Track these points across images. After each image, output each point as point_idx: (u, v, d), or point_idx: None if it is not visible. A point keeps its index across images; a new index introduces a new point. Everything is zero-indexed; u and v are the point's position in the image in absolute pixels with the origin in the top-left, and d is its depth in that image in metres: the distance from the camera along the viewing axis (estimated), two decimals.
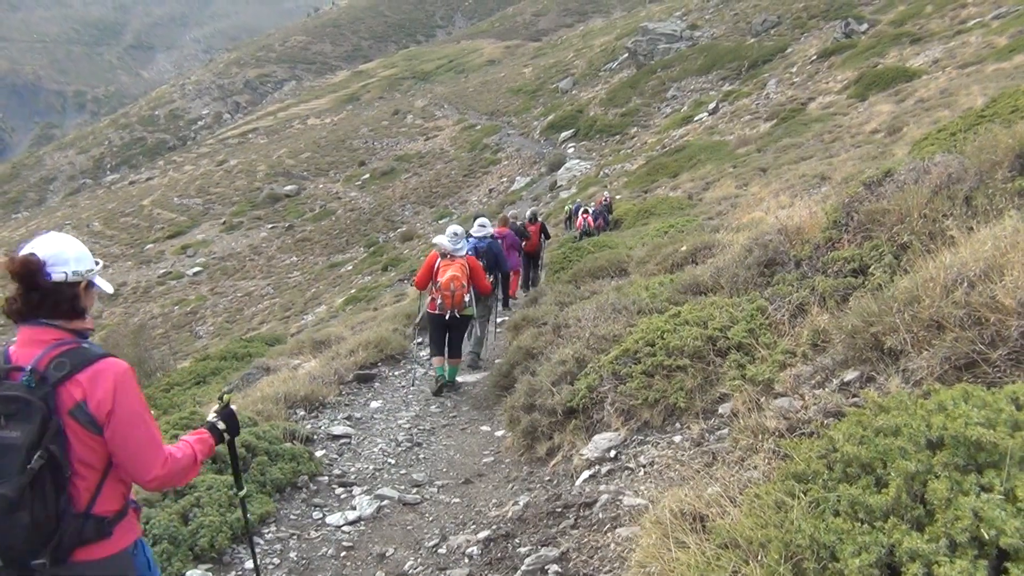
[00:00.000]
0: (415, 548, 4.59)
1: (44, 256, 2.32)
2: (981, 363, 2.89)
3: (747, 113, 37.00)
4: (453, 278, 7.94)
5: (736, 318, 4.77)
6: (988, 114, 9.02)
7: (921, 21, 36.85)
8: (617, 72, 66.75)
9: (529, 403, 5.68)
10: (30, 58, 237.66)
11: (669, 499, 3.02)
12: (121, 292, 51.41)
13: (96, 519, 2.32)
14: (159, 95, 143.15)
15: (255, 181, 70.81)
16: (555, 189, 42.40)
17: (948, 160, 4.69)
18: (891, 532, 1.94)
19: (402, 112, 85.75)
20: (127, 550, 2.45)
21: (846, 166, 15.89)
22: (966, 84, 20.94)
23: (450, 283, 7.93)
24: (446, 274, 7.97)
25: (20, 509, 2.13)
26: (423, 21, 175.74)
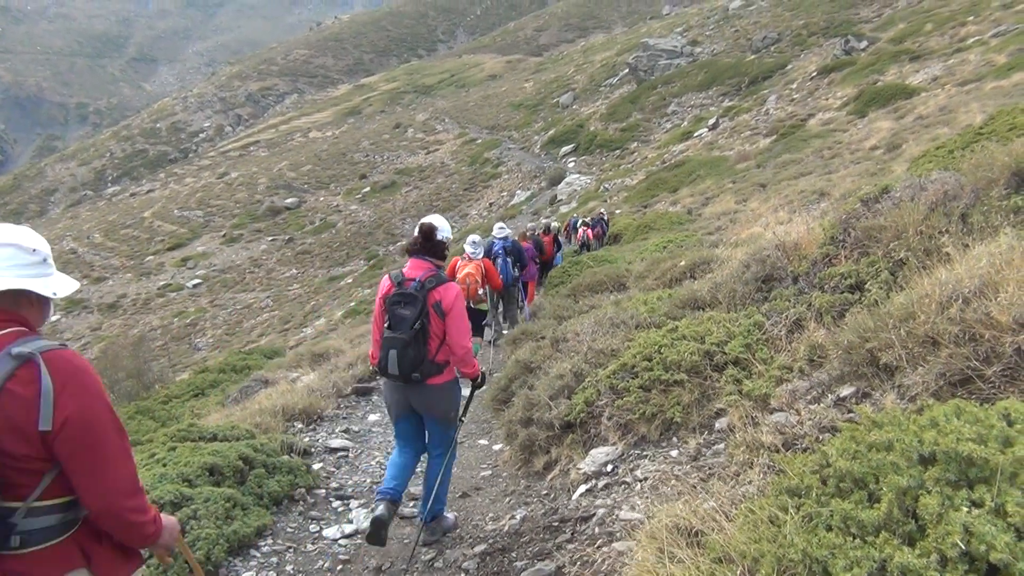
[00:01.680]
0: (411, 562, 4.58)
1: (437, 225, 4.62)
2: (976, 379, 2.90)
3: (747, 129, 37.14)
4: (469, 274, 9.53)
5: (733, 333, 4.78)
6: (986, 132, 9.06)
7: (921, 39, 37.03)
8: (618, 87, 67.04)
9: (527, 417, 5.68)
10: (33, 70, 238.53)
11: (665, 514, 3.02)
12: (121, 304, 51.50)
13: (438, 364, 4.43)
14: (161, 107, 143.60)
15: (256, 194, 70.97)
16: (555, 203, 42.49)
17: (945, 177, 4.71)
18: (883, 547, 1.94)
19: (403, 126, 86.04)
20: (453, 380, 4.64)
21: (845, 182, 15.95)
22: (965, 101, 21.03)
23: (466, 278, 9.49)
24: (464, 271, 9.58)
25: (409, 347, 4.29)
26: (425, 35, 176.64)
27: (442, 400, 4.59)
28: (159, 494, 4.58)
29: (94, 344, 42.92)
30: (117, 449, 2.16)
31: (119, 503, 2.16)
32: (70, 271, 58.30)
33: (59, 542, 2.11)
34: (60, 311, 51.24)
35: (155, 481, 4.81)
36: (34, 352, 2.05)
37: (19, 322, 2.17)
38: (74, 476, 2.10)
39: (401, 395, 4.57)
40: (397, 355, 4.29)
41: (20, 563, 2.04)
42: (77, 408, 2.06)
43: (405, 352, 4.27)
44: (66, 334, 47.60)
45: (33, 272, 2.22)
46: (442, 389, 4.51)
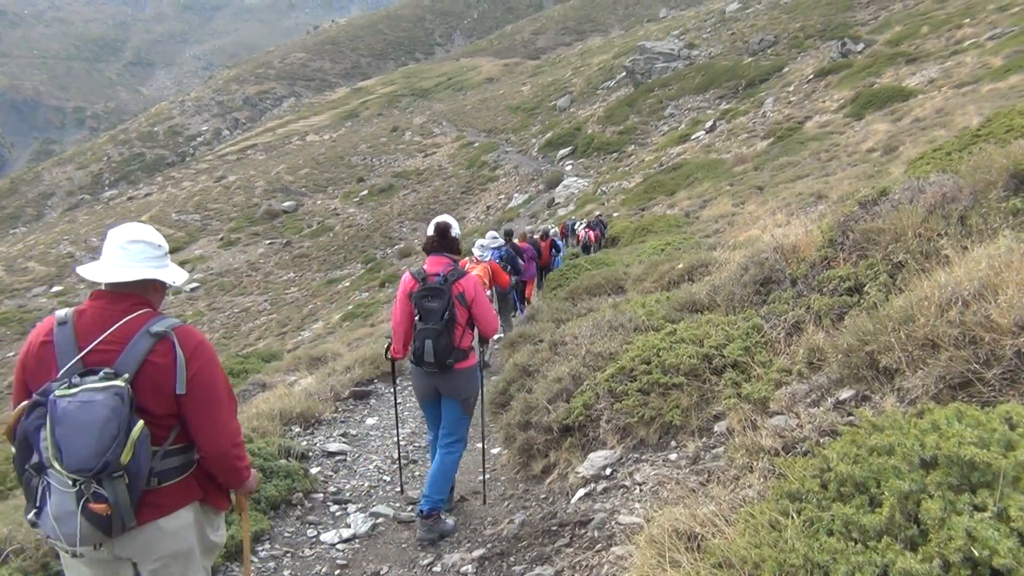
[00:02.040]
0: (410, 566, 4.57)
1: (449, 223, 5.12)
2: (976, 382, 2.89)
3: (744, 131, 37.18)
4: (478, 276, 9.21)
5: (732, 336, 4.77)
6: (983, 134, 9.06)
7: (917, 41, 37.10)
8: (615, 90, 67.11)
9: (525, 421, 5.67)
10: (30, 74, 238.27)
11: (664, 518, 3.01)
12: None
13: (463, 350, 4.90)
14: (158, 111, 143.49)
15: (253, 197, 70.94)
16: (553, 206, 42.50)
17: (943, 180, 4.70)
18: (885, 552, 1.93)
19: (400, 129, 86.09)
20: (476, 365, 5.14)
21: (842, 185, 15.96)
22: (962, 104, 21.05)
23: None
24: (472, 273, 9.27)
25: (442, 336, 4.75)
26: (422, 39, 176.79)
27: (467, 383, 5.07)
28: None
29: None
30: (228, 407, 2.76)
31: (227, 450, 2.74)
32: (67, 275, 58.35)
33: (182, 480, 2.69)
34: None
35: None
36: (168, 329, 2.60)
37: (147, 305, 2.71)
38: (194, 427, 2.66)
39: (429, 381, 5.01)
40: (432, 344, 4.75)
41: (157, 496, 2.60)
42: (201, 373, 2.63)
43: (439, 341, 4.74)
44: None
45: (158, 264, 2.75)
46: (466, 373, 5.03)
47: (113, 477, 2.40)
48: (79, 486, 2.37)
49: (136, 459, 2.44)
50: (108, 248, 2.72)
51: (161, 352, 2.56)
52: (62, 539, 2.43)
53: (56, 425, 2.37)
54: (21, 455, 2.49)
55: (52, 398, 2.41)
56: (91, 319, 2.60)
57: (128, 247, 2.70)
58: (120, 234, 2.74)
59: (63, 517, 2.39)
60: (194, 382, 2.59)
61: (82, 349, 2.54)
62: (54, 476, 2.39)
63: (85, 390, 2.41)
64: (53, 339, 2.58)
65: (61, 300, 53.44)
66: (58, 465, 2.37)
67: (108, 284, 2.68)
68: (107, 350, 2.55)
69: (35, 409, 2.44)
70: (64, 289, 55.81)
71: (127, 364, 2.52)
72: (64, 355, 2.54)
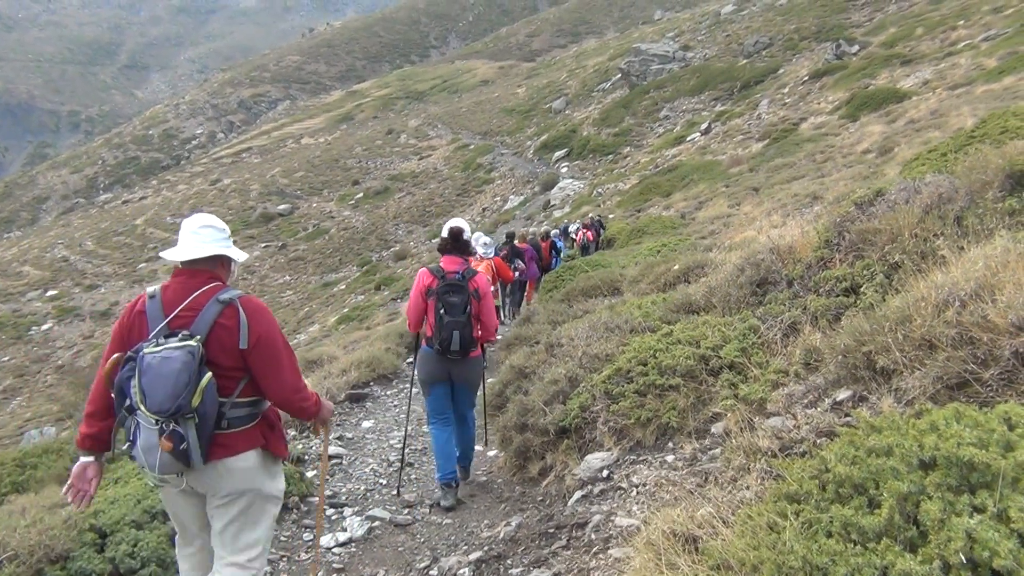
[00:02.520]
0: (406, 570, 4.55)
1: (462, 227, 5.70)
2: (973, 383, 2.88)
3: (739, 133, 37.18)
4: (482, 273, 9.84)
5: (728, 337, 4.76)
6: (978, 135, 9.06)
7: (912, 43, 37.16)
8: (610, 92, 67.12)
9: (521, 423, 5.65)
10: (24, 78, 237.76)
11: (661, 520, 3.00)
12: (113, 311, 51.19)
13: (475, 339, 5.55)
14: (153, 115, 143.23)
15: (248, 200, 70.85)
16: (548, 208, 42.49)
17: (939, 180, 4.70)
18: (884, 553, 1.92)
19: (396, 132, 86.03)
20: (483, 355, 6.03)
21: (838, 186, 15.96)
22: (956, 105, 21.08)
23: None
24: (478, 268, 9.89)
25: (466, 328, 5.41)
26: (417, 41, 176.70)
27: (478, 369, 5.93)
28: (151, 503, 4.54)
29: (87, 352, 42.76)
30: (286, 360, 3.27)
31: (290, 396, 3.28)
32: (62, 279, 58.21)
33: (248, 427, 3.20)
34: (52, 319, 51.02)
35: (147, 490, 4.76)
36: (233, 298, 3.15)
37: (217, 279, 3.27)
38: (259, 378, 3.19)
39: (444, 367, 5.62)
40: (460, 335, 5.39)
41: (228, 439, 3.11)
42: (261, 332, 3.16)
43: (464, 332, 5.41)
44: (58, 342, 47.41)
45: (224, 244, 3.32)
46: (478, 360, 5.86)
47: (186, 418, 2.94)
48: (160, 424, 2.93)
49: (204, 403, 2.97)
50: (184, 234, 3.29)
51: (228, 316, 3.12)
52: (148, 468, 3.01)
53: (142, 376, 2.94)
54: (119, 400, 3.05)
55: (141, 354, 2.98)
56: (174, 292, 3.20)
57: (200, 231, 3.27)
58: (192, 222, 3.32)
59: (148, 449, 2.96)
60: (255, 340, 3.14)
61: (167, 316, 3.13)
62: (141, 416, 2.96)
63: (166, 348, 2.98)
64: (145, 309, 3.18)
65: (56, 304, 53.32)
66: (143, 407, 2.94)
67: (185, 262, 3.27)
68: (186, 316, 3.12)
69: (127, 363, 3.02)
70: (59, 293, 55.64)
71: (200, 327, 3.09)
72: (154, 321, 3.13)
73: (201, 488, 3.18)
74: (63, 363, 42.86)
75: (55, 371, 41.86)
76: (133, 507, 4.49)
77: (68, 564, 4.00)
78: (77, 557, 4.03)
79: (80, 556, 4.04)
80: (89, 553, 4.07)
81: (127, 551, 4.09)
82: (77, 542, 4.13)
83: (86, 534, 4.21)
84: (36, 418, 31.90)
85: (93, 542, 4.18)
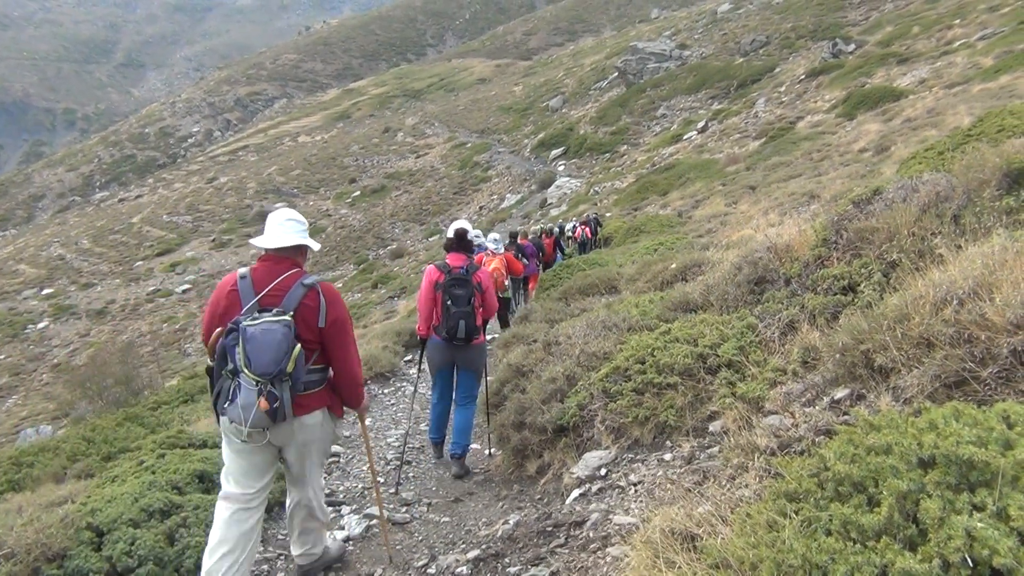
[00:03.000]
0: (404, 568, 4.54)
1: (466, 227, 6.29)
2: (971, 381, 2.88)
3: (736, 132, 37.22)
4: (496, 269, 10.85)
5: (726, 336, 4.76)
6: (975, 133, 9.08)
7: (908, 42, 37.21)
8: (607, 91, 67.15)
9: (519, 421, 5.65)
10: (19, 76, 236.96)
11: (659, 518, 2.99)
12: (109, 310, 51.18)
13: (479, 327, 6.10)
14: (149, 113, 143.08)
15: (245, 198, 70.74)
16: (545, 207, 42.48)
17: (936, 179, 4.71)
18: (884, 552, 1.92)
19: (392, 130, 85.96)
20: (487, 341, 6.66)
21: (835, 184, 15.99)
22: (953, 104, 21.11)
23: (494, 272, 10.70)
24: (491, 265, 10.74)
25: (470, 318, 5.96)
26: (414, 40, 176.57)
27: (481, 356, 6.42)
28: (148, 501, 4.53)
29: (83, 350, 42.68)
30: (353, 340, 4.00)
31: (353, 370, 4.00)
32: (57, 277, 58.09)
33: (318, 391, 3.90)
34: (48, 317, 50.92)
35: (144, 489, 4.75)
36: (314, 283, 3.79)
37: (297, 265, 3.90)
38: (330, 352, 3.88)
39: (450, 354, 6.26)
40: (465, 324, 5.99)
41: (303, 400, 3.77)
42: (336, 315, 3.82)
43: (469, 321, 5.99)
44: (54, 340, 47.32)
45: (304, 235, 3.95)
46: (482, 347, 6.41)
47: (282, 380, 3.57)
48: (259, 386, 3.52)
49: (296, 369, 3.61)
50: (270, 226, 3.92)
51: (311, 298, 3.75)
52: (243, 422, 3.55)
53: (247, 343, 3.49)
54: (219, 364, 3.63)
55: (242, 326, 3.53)
56: (261, 274, 3.78)
57: (285, 224, 3.90)
58: (278, 215, 3.97)
59: (246, 406, 3.53)
60: (332, 321, 3.80)
61: (258, 294, 3.70)
62: (244, 378, 3.53)
63: (266, 321, 3.56)
64: (237, 288, 3.75)
65: (52, 303, 53.22)
66: (247, 370, 3.51)
67: (271, 249, 3.86)
68: (275, 295, 3.72)
69: (230, 333, 3.58)
70: (55, 291, 55.54)
71: (290, 305, 3.69)
72: (246, 298, 3.70)
73: (277, 441, 3.81)
74: (59, 361, 42.78)
75: (51, 369, 41.79)
76: (130, 505, 4.47)
77: (65, 562, 3.99)
78: (74, 555, 4.02)
79: (77, 554, 4.02)
80: (86, 551, 4.06)
81: (124, 549, 4.08)
82: (74, 540, 4.12)
83: (83, 532, 4.19)
84: (32, 417, 31.86)
85: (90, 540, 4.17)
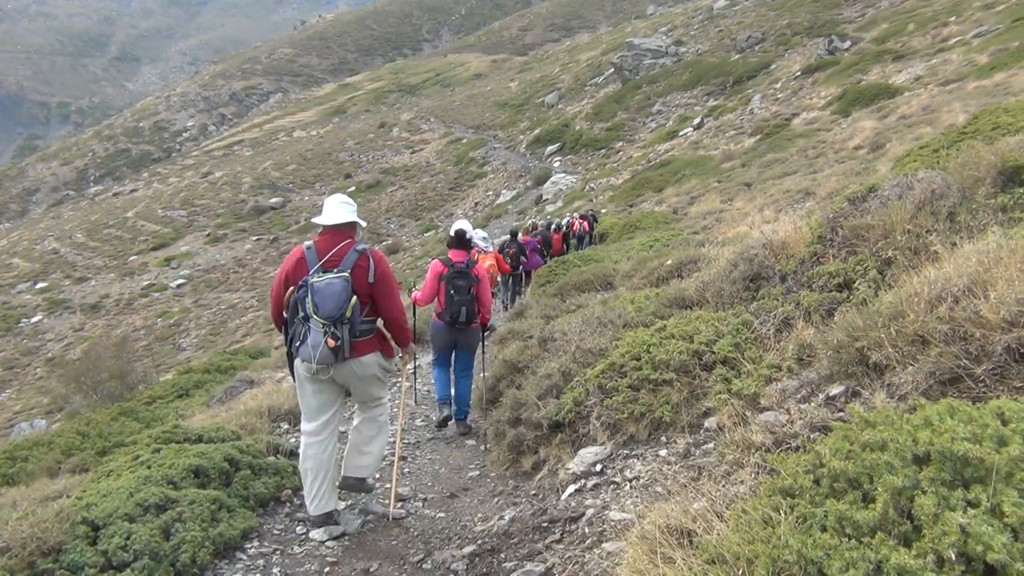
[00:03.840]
0: (400, 563, 4.55)
1: (465, 228, 7.44)
2: (966, 378, 2.89)
3: (732, 128, 37.24)
4: (491, 265, 11.83)
5: (722, 332, 4.77)
6: (970, 131, 9.10)
7: (903, 39, 37.25)
8: (603, 87, 67.12)
9: (515, 417, 5.65)
10: (13, 69, 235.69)
11: (655, 514, 3.00)
12: (104, 304, 51.07)
13: (475, 313, 7.20)
14: (144, 107, 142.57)
15: (240, 193, 70.57)
16: (541, 203, 42.47)
17: (931, 176, 4.72)
18: (878, 548, 1.93)
19: (388, 125, 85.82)
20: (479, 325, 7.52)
21: (830, 181, 16.00)
22: (948, 101, 21.14)
23: (489, 269, 11.55)
24: (485, 263, 11.39)
25: (471, 305, 7.11)
26: (410, 35, 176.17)
27: (477, 336, 7.62)
28: (143, 496, 4.53)
29: (77, 345, 42.58)
30: (396, 292, 4.92)
31: (399, 316, 4.98)
32: (51, 271, 57.91)
33: (370, 337, 4.81)
34: (42, 311, 50.80)
35: (139, 484, 4.75)
36: (365, 249, 4.76)
37: (349, 236, 4.86)
38: (379, 301, 4.80)
39: (451, 336, 7.35)
40: (467, 310, 7.09)
41: (359, 344, 4.73)
42: (382, 272, 4.77)
43: (471, 307, 7.11)
44: (48, 335, 47.21)
45: (355, 214, 4.95)
46: (478, 329, 7.58)
47: (342, 324, 4.57)
48: (325, 328, 4.55)
49: (352, 315, 4.61)
50: (328, 207, 4.92)
51: (362, 260, 4.73)
52: (312, 359, 4.57)
53: (315, 295, 4.56)
54: (292, 314, 4.70)
55: (310, 282, 4.59)
56: (323, 244, 4.80)
57: (341, 205, 4.92)
58: (335, 199, 4.99)
59: (316, 345, 4.56)
60: (379, 276, 4.76)
61: (321, 259, 4.70)
62: (313, 323, 4.57)
63: (329, 278, 4.60)
64: (304, 256, 4.76)
65: (46, 297, 53.08)
66: (316, 316, 4.55)
67: (329, 225, 4.85)
68: (335, 259, 4.71)
69: (301, 288, 4.64)
70: (49, 285, 55.39)
71: (347, 265, 4.68)
72: (312, 262, 4.71)
73: (340, 379, 4.81)
74: (53, 355, 42.70)
75: (45, 363, 41.71)
76: (126, 500, 4.47)
77: (60, 557, 3.99)
78: (69, 550, 4.01)
79: (72, 549, 4.02)
80: (82, 546, 4.06)
81: (120, 544, 4.07)
82: (69, 535, 4.11)
83: (78, 527, 4.19)
84: (26, 411, 31.79)
85: (86, 535, 4.16)
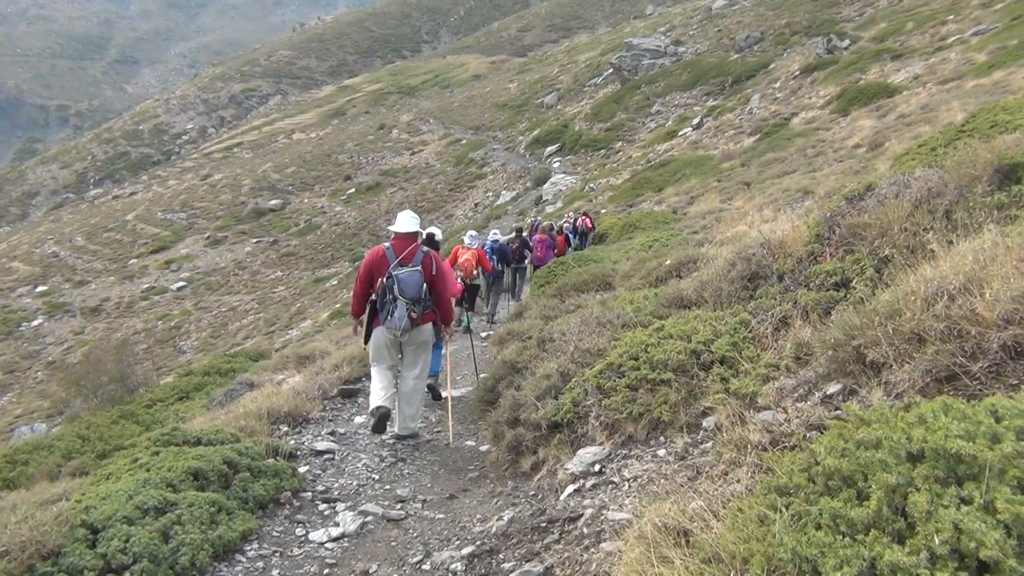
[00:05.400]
0: (399, 564, 4.55)
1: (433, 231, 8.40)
2: (962, 376, 2.90)
3: (731, 128, 37.24)
4: (467, 260, 12.79)
5: (720, 332, 4.77)
6: (968, 129, 9.11)
7: (902, 38, 37.24)
8: (602, 87, 67.14)
9: (513, 417, 5.66)
10: (13, 72, 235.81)
11: (653, 513, 3.00)
12: (104, 307, 51.09)
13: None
14: (143, 109, 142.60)
15: (240, 195, 70.60)
16: (540, 203, 42.48)
17: (928, 175, 4.72)
18: (872, 545, 1.93)
19: (387, 127, 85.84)
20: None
21: (829, 180, 16.01)
22: (946, 100, 21.14)
23: (466, 263, 12.78)
24: (463, 257, 12.82)
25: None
26: (409, 36, 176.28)
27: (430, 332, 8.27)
28: (142, 499, 4.53)
29: (77, 348, 42.59)
30: (451, 281, 7.22)
31: (448, 300, 7.08)
32: (52, 275, 57.93)
33: (429, 311, 6.90)
34: (42, 315, 50.82)
35: (138, 486, 4.75)
36: (428, 250, 6.86)
37: (415, 240, 6.82)
38: (437, 287, 6.86)
39: None
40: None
41: (423, 316, 6.83)
42: (439, 266, 6.87)
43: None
44: (48, 338, 47.22)
45: (418, 224, 6.92)
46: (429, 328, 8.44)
47: (418, 302, 6.65)
48: (407, 306, 6.57)
49: (424, 297, 6.67)
50: (400, 219, 6.83)
51: (427, 258, 6.67)
52: (397, 328, 6.59)
53: (400, 283, 6.56)
54: (382, 296, 6.61)
55: (395, 274, 6.54)
56: (398, 246, 6.66)
57: (409, 219, 6.82)
58: (404, 214, 6.90)
59: (401, 317, 6.55)
60: (438, 270, 6.75)
61: (398, 256, 6.58)
62: (399, 302, 6.54)
63: (408, 270, 6.59)
64: (385, 254, 6.62)
65: (46, 300, 53.10)
66: (403, 297, 6.55)
67: (401, 233, 6.74)
68: (407, 257, 6.60)
69: (389, 278, 6.53)
70: (49, 289, 55.42)
71: (417, 262, 6.61)
72: (391, 259, 6.58)
73: (409, 339, 6.86)
74: (53, 359, 42.72)
75: (45, 367, 41.74)
76: (125, 503, 4.48)
77: (59, 560, 3.99)
78: (68, 553, 4.02)
79: (71, 552, 4.02)
80: (81, 549, 4.06)
81: (119, 547, 4.08)
82: (68, 538, 4.12)
83: (77, 530, 4.19)
84: (26, 414, 31.80)
85: (85, 538, 4.16)
